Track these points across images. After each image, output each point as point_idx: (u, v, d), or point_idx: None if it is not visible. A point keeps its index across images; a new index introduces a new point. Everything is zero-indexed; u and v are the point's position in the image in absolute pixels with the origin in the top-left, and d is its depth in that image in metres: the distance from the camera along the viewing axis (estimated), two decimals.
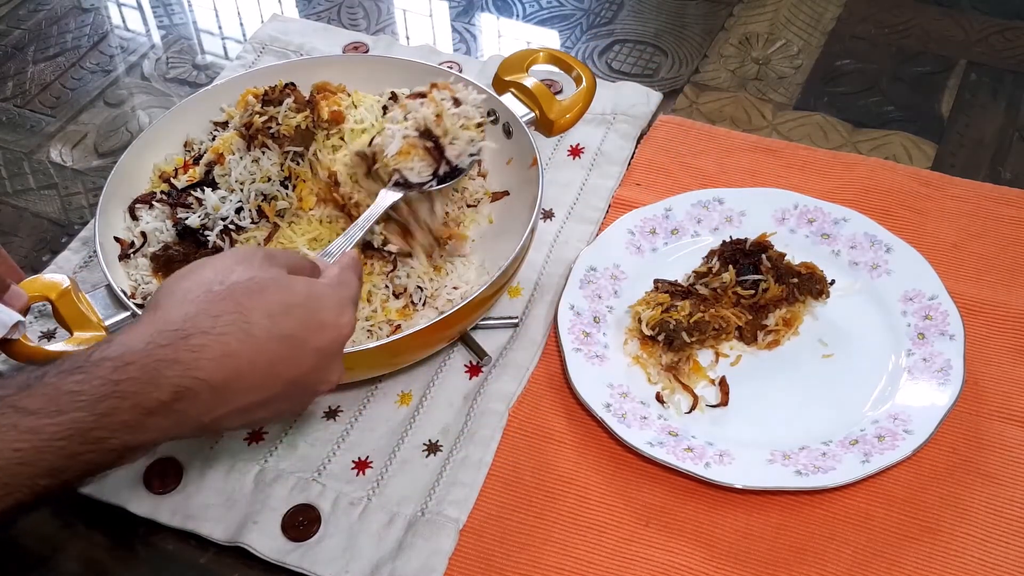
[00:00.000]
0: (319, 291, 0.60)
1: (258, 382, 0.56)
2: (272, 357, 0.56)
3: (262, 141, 0.79)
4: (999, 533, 0.70)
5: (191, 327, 0.54)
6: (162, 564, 0.72)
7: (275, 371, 0.57)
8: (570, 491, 0.74)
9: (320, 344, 0.59)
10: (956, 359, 0.77)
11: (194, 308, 0.55)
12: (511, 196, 0.88)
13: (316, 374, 0.60)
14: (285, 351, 0.57)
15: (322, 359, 0.59)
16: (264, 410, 0.59)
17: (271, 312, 0.57)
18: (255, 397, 0.57)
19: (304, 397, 0.62)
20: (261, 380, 0.57)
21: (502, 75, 0.91)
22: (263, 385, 0.57)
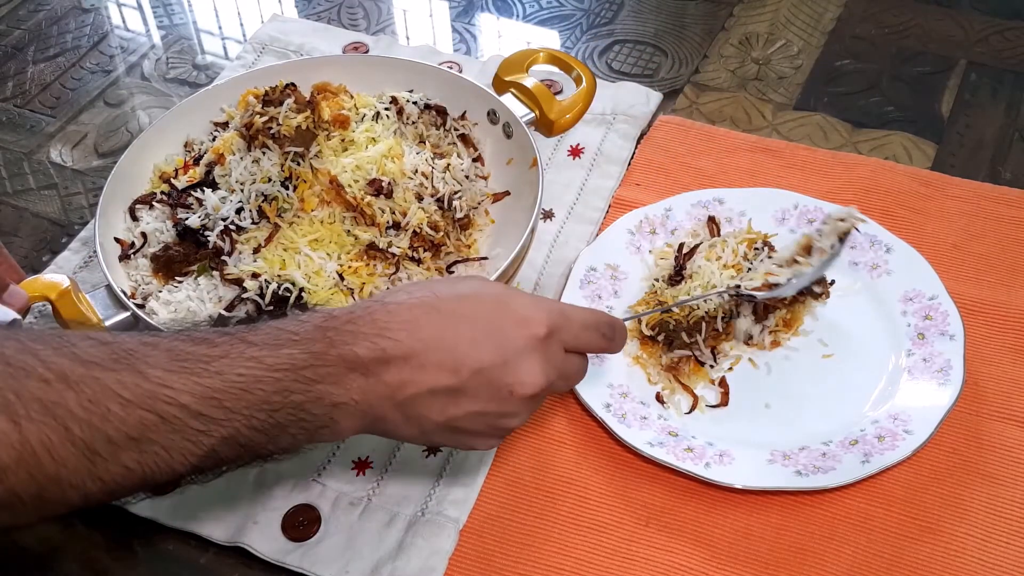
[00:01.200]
0: (521, 293, 0.62)
1: (445, 360, 0.57)
2: (457, 338, 0.58)
3: (262, 141, 0.79)
4: (999, 533, 0.70)
5: (389, 299, 0.59)
6: (162, 564, 0.72)
7: (461, 353, 0.57)
8: (570, 491, 0.74)
9: (510, 335, 0.59)
10: (956, 359, 0.77)
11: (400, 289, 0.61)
12: (511, 196, 0.88)
13: (506, 369, 0.58)
14: (469, 334, 0.58)
15: (508, 353, 0.58)
16: (464, 404, 0.58)
17: (460, 295, 0.60)
18: (444, 379, 0.57)
19: (506, 399, 0.59)
20: (446, 359, 0.57)
21: (502, 75, 0.91)
22: (448, 366, 0.57)
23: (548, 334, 0.60)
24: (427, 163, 0.83)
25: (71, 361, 0.50)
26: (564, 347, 0.62)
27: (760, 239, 0.82)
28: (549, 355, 0.60)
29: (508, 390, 0.59)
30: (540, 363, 0.60)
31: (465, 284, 0.62)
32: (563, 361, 0.62)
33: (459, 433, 0.61)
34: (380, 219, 0.79)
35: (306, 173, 0.79)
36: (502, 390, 0.59)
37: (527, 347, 0.59)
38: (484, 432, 0.61)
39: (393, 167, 0.81)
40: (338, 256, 0.79)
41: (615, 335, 0.65)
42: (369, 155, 0.81)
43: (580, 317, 0.63)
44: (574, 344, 0.63)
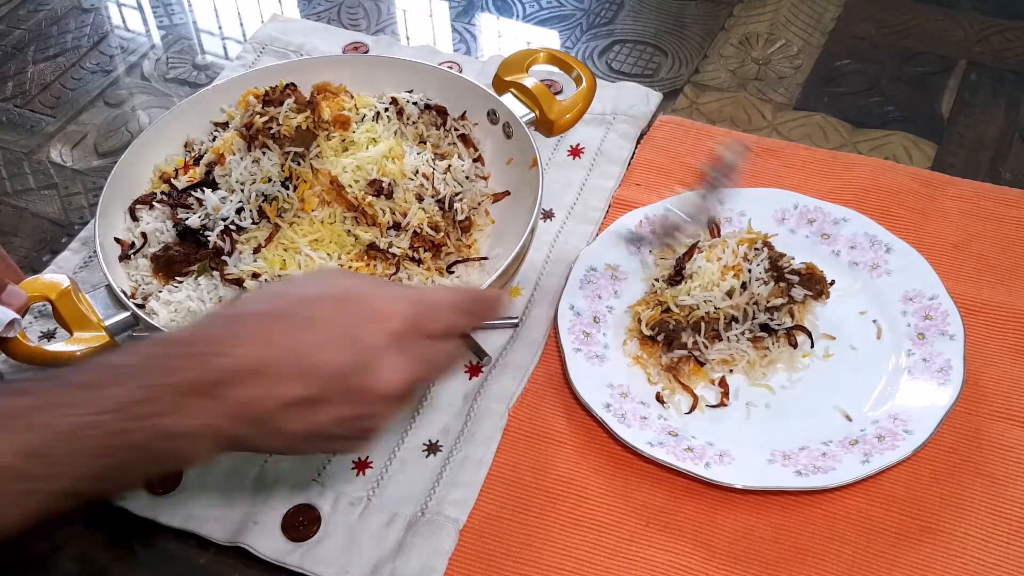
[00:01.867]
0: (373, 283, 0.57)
1: (297, 369, 0.53)
2: (306, 345, 0.54)
3: (262, 142, 0.79)
4: (999, 533, 0.70)
5: (231, 310, 0.55)
6: (162, 564, 0.72)
7: (312, 360, 0.54)
8: (570, 491, 0.74)
9: (364, 335, 0.55)
10: (956, 359, 0.77)
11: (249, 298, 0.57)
12: (511, 196, 0.88)
13: (366, 371, 0.55)
14: (318, 339, 0.54)
15: (367, 354, 0.54)
16: (323, 412, 0.54)
17: (309, 297, 0.56)
18: (298, 390, 0.53)
19: (368, 403, 0.56)
20: (299, 368, 0.53)
21: (502, 75, 0.91)
22: (303, 375, 0.53)
23: (407, 327, 0.56)
24: (428, 164, 0.83)
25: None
26: (429, 335, 0.58)
27: (760, 239, 0.82)
28: (410, 349, 0.56)
29: (370, 392, 0.55)
30: (400, 359, 0.55)
31: (316, 285, 0.57)
32: (429, 351, 0.58)
33: (326, 440, 0.57)
34: (381, 219, 0.79)
35: (306, 173, 0.79)
36: (364, 393, 0.55)
37: (385, 344, 0.55)
38: (352, 436, 0.58)
39: (393, 168, 0.81)
40: (338, 256, 0.78)
41: (482, 307, 0.61)
42: (370, 155, 0.81)
43: (445, 300, 0.59)
44: (441, 330, 0.59)
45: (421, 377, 0.58)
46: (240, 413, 0.53)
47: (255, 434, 0.54)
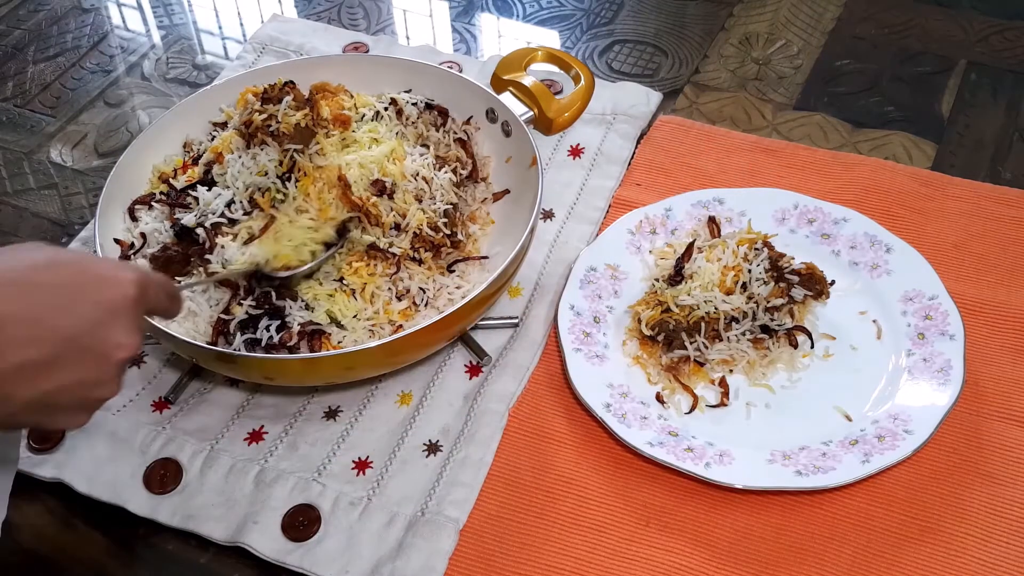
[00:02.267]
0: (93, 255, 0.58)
1: (29, 333, 0.52)
2: (40, 307, 0.53)
3: (261, 139, 0.79)
4: (999, 533, 0.70)
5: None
6: (162, 564, 0.72)
7: (47, 322, 0.53)
8: (570, 491, 0.74)
9: (99, 297, 0.54)
10: (956, 359, 0.77)
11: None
12: (511, 195, 0.88)
13: (101, 332, 0.54)
14: (52, 299, 0.53)
15: (104, 314, 0.54)
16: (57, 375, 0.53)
17: (36, 265, 0.54)
18: (33, 352, 0.52)
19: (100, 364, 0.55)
20: (31, 331, 0.52)
21: (500, 74, 0.91)
22: (37, 338, 0.52)
23: (138, 295, 0.56)
24: (428, 168, 0.83)
25: None
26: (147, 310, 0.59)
27: (760, 239, 0.82)
28: (138, 316, 0.57)
29: (104, 354, 0.55)
30: (132, 324, 0.56)
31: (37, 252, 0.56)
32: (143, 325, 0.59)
33: (49, 410, 0.56)
34: (385, 219, 0.79)
35: (308, 167, 0.78)
36: (99, 356, 0.55)
37: (120, 308, 0.55)
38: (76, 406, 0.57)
39: (394, 169, 0.81)
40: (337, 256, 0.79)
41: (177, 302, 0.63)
42: (372, 155, 0.81)
43: (157, 279, 0.61)
44: (153, 307, 0.60)
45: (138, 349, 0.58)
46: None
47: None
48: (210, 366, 0.76)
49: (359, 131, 0.83)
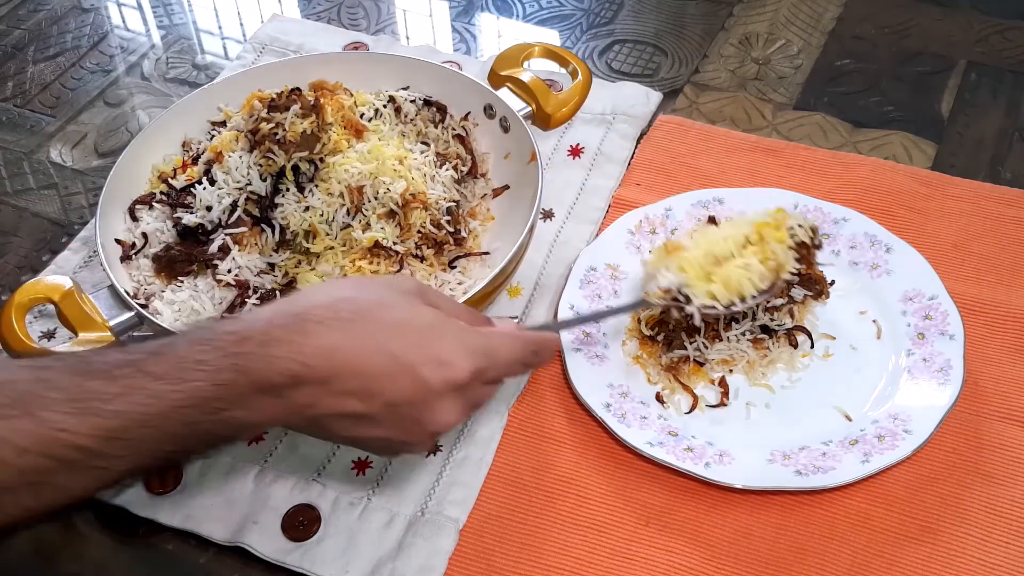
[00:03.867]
0: (449, 326, 0.60)
1: (358, 389, 0.56)
2: (374, 370, 0.56)
3: (268, 147, 0.79)
4: (999, 533, 0.70)
5: (309, 315, 0.56)
6: (162, 564, 0.72)
7: (376, 385, 0.56)
8: (570, 491, 0.74)
9: (429, 376, 0.57)
10: (956, 359, 0.77)
11: (321, 302, 0.58)
12: (511, 191, 0.88)
13: (423, 408, 0.58)
14: (388, 368, 0.57)
15: (427, 393, 0.57)
16: (371, 429, 0.58)
17: (385, 325, 0.58)
18: (358, 407, 0.56)
19: (415, 432, 0.59)
20: (361, 389, 0.56)
21: (498, 70, 0.91)
22: (364, 395, 0.56)
23: (470, 379, 0.59)
24: (430, 165, 0.83)
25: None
26: (486, 382, 0.62)
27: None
28: (468, 396, 0.60)
29: (419, 425, 0.59)
30: (457, 405, 0.59)
31: (393, 310, 0.59)
32: (482, 392, 0.62)
33: (361, 445, 0.62)
34: (416, 225, 0.80)
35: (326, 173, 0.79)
36: (413, 424, 0.59)
37: (445, 390, 0.58)
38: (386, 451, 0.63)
39: (401, 168, 0.81)
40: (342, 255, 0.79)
41: (539, 358, 0.65)
42: (384, 166, 0.80)
43: (506, 354, 0.62)
44: (497, 378, 0.63)
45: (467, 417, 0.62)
46: (299, 411, 0.56)
47: (304, 426, 0.58)
48: None
49: (371, 141, 0.83)
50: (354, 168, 0.79)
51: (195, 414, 0.53)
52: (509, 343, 0.62)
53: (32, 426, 0.50)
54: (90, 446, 0.50)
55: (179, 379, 0.53)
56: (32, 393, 0.51)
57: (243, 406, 0.54)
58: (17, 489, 0.50)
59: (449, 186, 0.84)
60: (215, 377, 0.53)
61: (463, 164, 0.88)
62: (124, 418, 0.51)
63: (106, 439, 0.51)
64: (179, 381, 0.53)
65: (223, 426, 0.54)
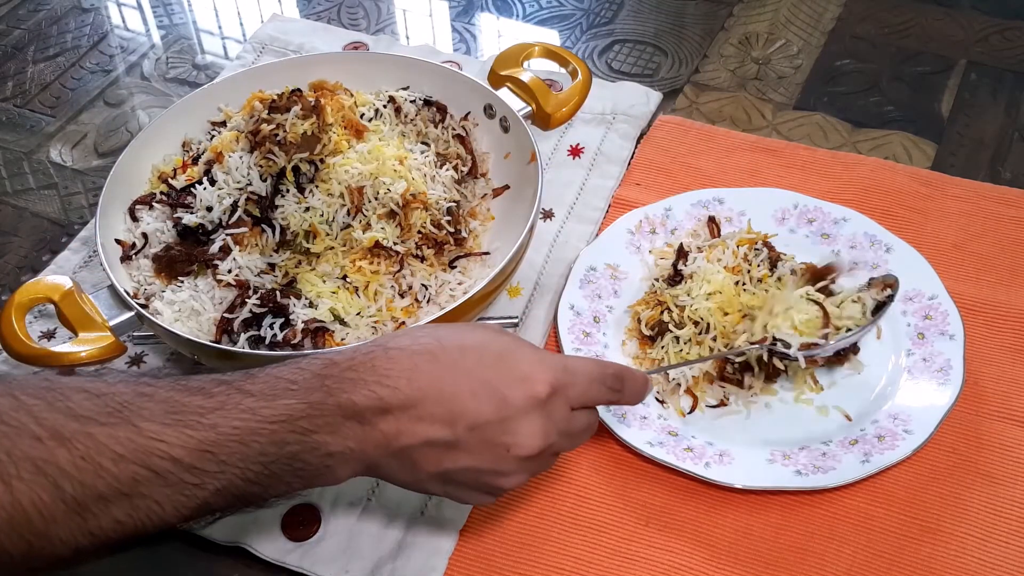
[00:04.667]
0: (526, 347, 0.60)
1: (442, 414, 0.56)
2: (456, 392, 0.57)
3: (269, 148, 0.79)
4: (999, 533, 0.70)
5: (393, 344, 0.58)
6: (162, 564, 0.72)
7: (458, 407, 0.56)
8: (570, 491, 0.74)
9: (509, 393, 0.57)
10: (956, 359, 0.77)
11: (400, 335, 0.60)
12: (511, 191, 0.88)
13: (506, 427, 0.57)
14: (469, 389, 0.57)
15: (509, 410, 0.57)
16: (458, 458, 0.57)
17: (464, 347, 0.58)
18: (440, 432, 0.56)
19: (502, 459, 0.58)
20: (445, 413, 0.56)
21: (497, 70, 0.91)
22: (448, 419, 0.56)
23: (551, 394, 0.58)
24: (430, 166, 0.84)
25: (65, 416, 0.50)
26: (570, 404, 0.61)
27: (760, 239, 0.82)
28: (551, 415, 0.59)
29: (505, 449, 0.58)
30: (540, 424, 0.58)
31: (471, 335, 0.60)
32: (567, 420, 0.61)
33: (453, 485, 0.60)
34: (418, 227, 0.79)
35: (325, 174, 0.79)
36: (498, 448, 0.58)
37: (527, 406, 0.58)
38: (478, 488, 0.61)
39: (401, 169, 0.81)
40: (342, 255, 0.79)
41: (624, 387, 0.64)
42: (384, 166, 0.80)
43: (586, 371, 0.61)
44: (581, 400, 0.61)
45: (555, 444, 0.60)
46: (385, 443, 0.56)
47: (392, 464, 0.58)
48: (212, 364, 0.76)
49: (371, 141, 0.83)
50: (354, 168, 0.79)
51: (284, 432, 0.54)
52: (588, 363, 0.63)
53: (130, 435, 0.51)
54: (184, 459, 0.51)
55: (271, 395, 0.54)
56: (131, 405, 0.52)
57: (330, 430, 0.55)
58: (111, 499, 0.50)
59: (449, 186, 0.84)
60: (304, 396, 0.55)
61: (463, 164, 0.88)
62: (218, 431, 0.52)
63: (199, 452, 0.52)
64: (271, 398, 0.54)
65: (310, 452, 0.55)
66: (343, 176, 0.79)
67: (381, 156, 0.81)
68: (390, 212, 0.80)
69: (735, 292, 0.78)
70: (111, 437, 0.50)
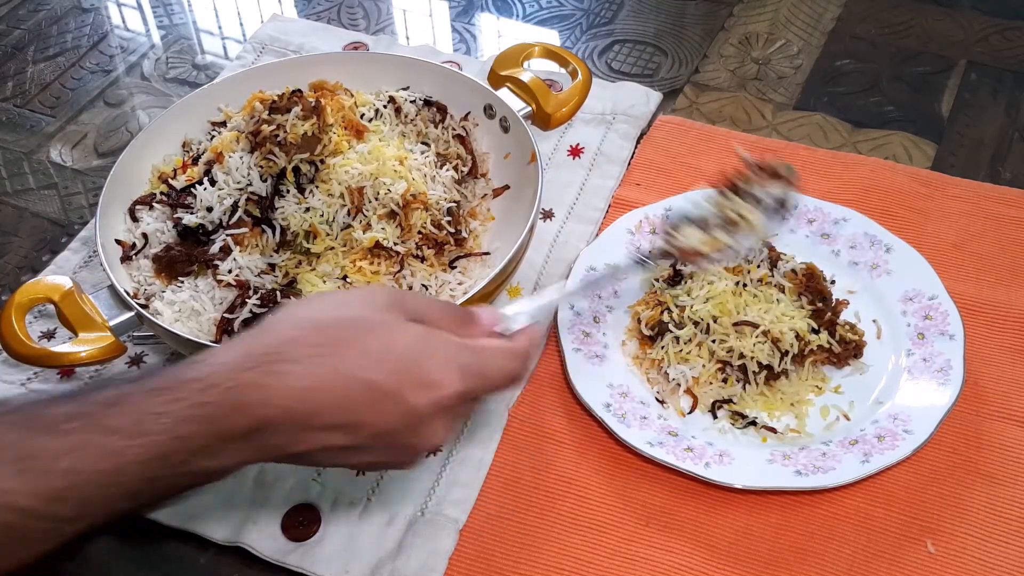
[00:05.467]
0: (434, 344, 0.56)
1: (339, 423, 0.53)
2: (355, 403, 0.53)
3: (269, 148, 0.79)
4: (999, 533, 0.70)
5: (281, 354, 0.53)
6: (162, 564, 0.72)
7: (360, 418, 0.53)
8: (570, 491, 0.74)
9: (415, 401, 0.54)
10: (956, 359, 0.77)
11: (294, 335, 0.54)
12: (511, 191, 0.88)
13: (410, 433, 0.55)
14: (371, 398, 0.53)
15: (415, 418, 0.54)
16: (360, 456, 0.56)
17: (366, 353, 0.54)
18: (341, 440, 0.54)
19: (404, 455, 0.57)
20: (343, 423, 0.53)
21: (497, 70, 0.91)
22: (349, 428, 0.53)
23: (459, 398, 0.56)
24: (430, 166, 0.84)
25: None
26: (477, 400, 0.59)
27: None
28: (457, 413, 0.57)
29: (410, 449, 0.57)
30: (446, 424, 0.56)
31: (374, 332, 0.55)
32: (468, 407, 0.60)
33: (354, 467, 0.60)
34: (418, 227, 0.79)
35: (325, 174, 0.79)
36: (404, 449, 0.56)
37: (434, 412, 0.55)
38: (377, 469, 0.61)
39: (401, 169, 0.81)
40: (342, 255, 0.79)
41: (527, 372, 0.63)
42: (384, 167, 0.80)
43: (497, 371, 0.58)
44: (486, 395, 0.60)
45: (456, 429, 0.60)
46: (274, 452, 0.53)
47: (287, 460, 0.55)
48: None
49: (371, 142, 0.83)
50: (354, 169, 0.79)
51: (155, 469, 0.49)
52: (501, 359, 0.59)
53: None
54: (34, 507, 0.47)
55: (137, 433, 0.49)
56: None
57: (209, 455, 0.51)
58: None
59: (449, 186, 0.84)
60: (176, 430, 0.49)
61: (463, 164, 0.88)
62: (74, 477, 0.47)
63: (53, 500, 0.47)
64: (137, 435, 0.49)
65: (187, 477, 0.51)
66: (343, 176, 0.79)
67: (381, 156, 0.81)
68: (390, 212, 0.80)
69: (735, 292, 0.78)
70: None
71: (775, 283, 0.79)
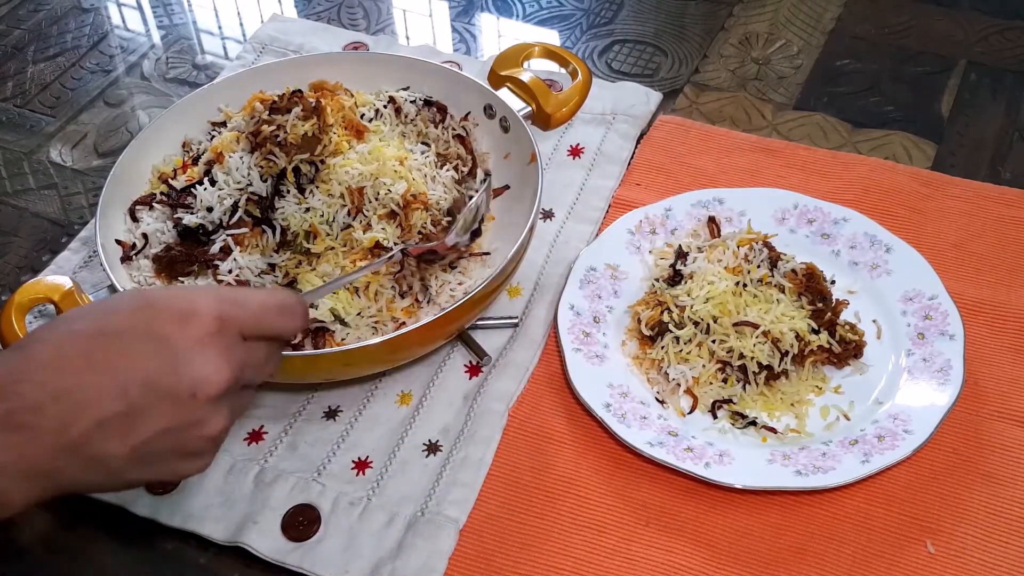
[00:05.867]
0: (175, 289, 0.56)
1: (103, 384, 0.50)
2: (109, 356, 0.50)
3: (269, 149, 0.79)
4: (999, 533, 0.70)
5: (28, 341, 0.52)
6: (162, 564, 0.72)
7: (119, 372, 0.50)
8: (570, 491, 0.74)
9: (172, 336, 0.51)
10: (956, 359, 0.77)
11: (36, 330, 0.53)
12: (511, 192, 0.88)
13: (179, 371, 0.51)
14: (122, 346, 0.51)
15: (176, 354, 0.51)
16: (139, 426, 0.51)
17: (105, 311, 0.52)
18: (111, 405, 0.50)
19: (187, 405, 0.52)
20: (105, 382, 0.50)
21: (497, 70, 0.91)
22: (111, 390, 0.50)
23: (216, 325, 0.52)
24: (430, 166, 0.84)
25: None
26: (243, 335, 0.54)
27: (760, 239, 0.82)
28: (227, 346, 0.53)
29: (190, 395, 0.51)
30: (218, 356, 0.52)
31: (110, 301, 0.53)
32: (247, 350, 0.54)
33: (154, 460, 0.52)
34: (419, 227, 0.79)
35: (326, 174, 0.79)
36: (182, 398, 0.51)
37: (197, 343, 0.51)
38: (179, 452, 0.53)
39: (401, 169, 0.81)
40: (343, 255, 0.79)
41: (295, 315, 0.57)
42: (385, 167, 0.80)
43: (256, 300, 0.55)
44: (254, 330, 0.55)
45: (243, 375, 0.54)
46: (53, 442, 0.49)
47: (75, 465, 0.50)
48: None
49: (372, 142, 0.83)
50: (355, 169, 0.80)
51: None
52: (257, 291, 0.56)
53: None
54: None
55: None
56: None
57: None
58: None
59: (450, 186, 0.84)
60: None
61: (463, 164, 0.88)
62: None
63: None
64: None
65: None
66: (343, 177, 0.79)
67: (381, 156, 0.81)
68: (390, 212, 0.80)
69: (735, 292, 0.78)
70: None
71: (775, 283, 0.79)
